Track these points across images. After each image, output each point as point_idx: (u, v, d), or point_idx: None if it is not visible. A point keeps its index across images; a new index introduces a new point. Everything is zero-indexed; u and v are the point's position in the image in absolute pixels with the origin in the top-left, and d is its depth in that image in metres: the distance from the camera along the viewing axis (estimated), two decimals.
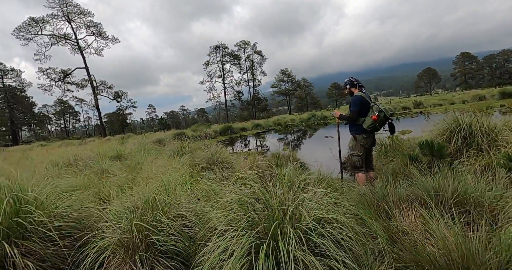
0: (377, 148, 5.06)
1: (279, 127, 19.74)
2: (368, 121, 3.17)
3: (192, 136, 17.04)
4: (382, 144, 5.32)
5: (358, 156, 3.37)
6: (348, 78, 3.53)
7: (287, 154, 6.26)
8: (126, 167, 5.38)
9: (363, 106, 3.25)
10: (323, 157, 6.92)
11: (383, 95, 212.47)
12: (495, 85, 56.56)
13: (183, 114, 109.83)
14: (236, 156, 7.11)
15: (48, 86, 35.86)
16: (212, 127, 22.04)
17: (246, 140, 15.01)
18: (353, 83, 3.46)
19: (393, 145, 4.98)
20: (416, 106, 19.18)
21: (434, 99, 22.42)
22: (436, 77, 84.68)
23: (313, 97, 79.10)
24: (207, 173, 4.52)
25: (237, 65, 58.09)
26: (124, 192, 2.97)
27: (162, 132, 20.04)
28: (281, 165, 5.41)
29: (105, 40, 36.79)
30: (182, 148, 7.51)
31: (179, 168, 4.15)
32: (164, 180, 2.66)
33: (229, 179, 3.31)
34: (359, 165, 3.41)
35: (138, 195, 2.28)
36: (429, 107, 18.68)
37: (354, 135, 3.44)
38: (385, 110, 3.11)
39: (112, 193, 2.95)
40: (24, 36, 31.77)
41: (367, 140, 3.34)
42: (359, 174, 3.44)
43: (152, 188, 2.47)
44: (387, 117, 3.15)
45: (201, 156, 5.58)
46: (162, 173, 3.36)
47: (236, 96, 60.05)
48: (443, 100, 20.67)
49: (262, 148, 10.68)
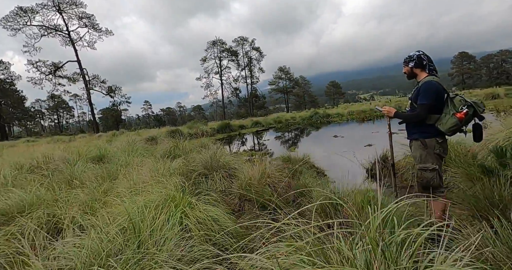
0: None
1: (279, 126, 18.80)
2: (450, 121, 2.09)
3: (188, 134, 16.02)
4: None
5: (434, 170, 2.22)
6: (417, 51, 2.35)
7: (298, 157, 5.32)
8: (105, 172, 4.39)
9: (438, 99, 2.19)
10: (340, 161, 5.99)
11: (380, 94, 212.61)
12: (493, 85, 56.26)
13: (180, 111, 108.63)
14: (238, 157, 6.12)
15: (38, 80, 34.41)
16: (209, 124, 21.01)
17: (246, 138, 14.04)
18: (422, 62, 2.30)
19: None
20: None
21: None
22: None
23: (311, 96, 78.51)
24: (205, 183, 3.57)
25: (235, 61, 56.96)
26: (84, 218, 2.01)
27: (156, 129, 18.99)
28: (297, 173, 4.48)
29: (98, 32, 35.38)
30: (176, 148, 6.52)
31: (169, 177, 3.18)
32: (138, 208, 1.69)
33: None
34: (436, 183, 2.24)
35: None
36: None
37: (422, 140, 2.28)
38: (475, 104, 2.10)
39: (67, 221, 1.98)
40: (11, 26, 30.26)
41: (443, 145, 2.28)
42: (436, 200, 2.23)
43: (118, 223, 1.49)
44: (478, 114, 2.14)
45: (197, 159, 4.61)
46: (142, 188, 2.38)
47: (234, 93, 59.00)
48: None
49: (265, 148, 9.72)
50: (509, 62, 72.48)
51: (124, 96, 42.86)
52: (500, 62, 73.09)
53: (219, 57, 55.29)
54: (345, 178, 4.59)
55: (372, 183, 4.25)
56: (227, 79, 56.98)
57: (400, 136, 8.51)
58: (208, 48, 54.50)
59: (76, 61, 34.47)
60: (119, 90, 41.98)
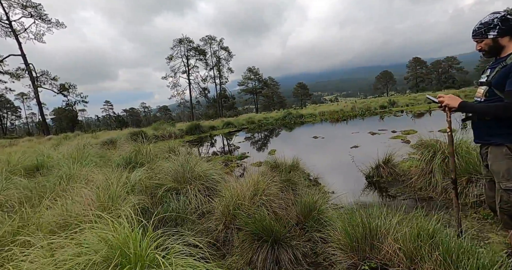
0: (423, 159, 3.41)
1: (252, 126, 18.08)
2: None
3: (153, 136, 14.56)
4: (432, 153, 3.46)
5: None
6: (496, 13, 1.65)
7: (287, 162, 4.60)
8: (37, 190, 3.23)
9: None
10: (330, 165, 5.49)
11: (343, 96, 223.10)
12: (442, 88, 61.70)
13: (144, 112, 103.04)
14: (215, 163, 5.24)
15: None
16: (177, 125, 19.56)
17: (218, 140, 13.07)
18: (510, 27, 1.61)
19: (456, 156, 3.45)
20: (391, 105, 19.04)
21: (405, 99, 22.79)
22: (392, 80, 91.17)
23: (279, 97, 79.43)
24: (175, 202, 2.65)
25: (203, 60, 55.25)
26: None
27: (117, 131, 17.13)
28: (295, 184, 3.72)
29: (47, 24, 31.53)
30: (138, 153, 5.42)
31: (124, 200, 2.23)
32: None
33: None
34: None
35: None
36: (405, 106, 18.61)
37: (509, 146, 1.60)
38: None
39: None
40: None
41: None
42: None
43: None
44: None
45: (165, 169, 3.65)
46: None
47: (202, 93, 57.19)
48: (414, 100, 20.98)
49: (242, 151, 8.90)
50: (454, 68, 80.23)
51: (80, 95, 38.90)
52: (447, 68, 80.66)
53: (186, 56, 53.16)
54: (343, 185, 3.95)
55: (373, 192, 3.67)
56: (195, 79, 55.09)
57: (382, 136, 8.29)
58: (174, 46, 52.14)
59: (20, 55, 30.32)
60: (74, 88, 37.99)
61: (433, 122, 10.11)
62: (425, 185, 3.24)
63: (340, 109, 20.39)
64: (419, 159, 3.52)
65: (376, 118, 13.77)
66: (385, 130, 8.81)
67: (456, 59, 79.65)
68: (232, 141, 12.19)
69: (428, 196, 3.06)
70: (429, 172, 3.29)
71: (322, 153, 6.99)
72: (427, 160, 3.25)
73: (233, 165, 6.29)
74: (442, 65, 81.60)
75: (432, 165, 3.16)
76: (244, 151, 8.89)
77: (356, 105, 21.78)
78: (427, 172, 3.31)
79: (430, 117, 11.73)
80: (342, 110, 20.08)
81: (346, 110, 20.04)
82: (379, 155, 4.12)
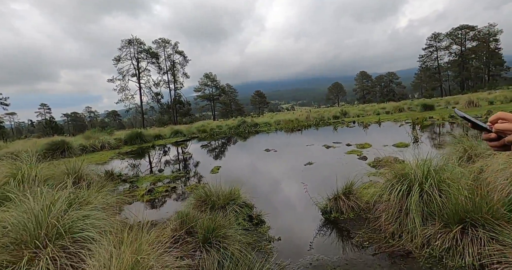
0: (393, 192, 2.61)
1: (204, 135, 16.65)
2: None
3: (81, 147, 12.23)
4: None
5: None
6: None
7: (223, 191, 3.47)
8: None
9: None
10: (280, 192, 4.32)
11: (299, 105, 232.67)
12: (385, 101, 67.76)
13: (90, 116, 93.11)
14: (112, 198, 3.92)
15: None
16: (116, 133, 17.15)
17: (159, 152, 11.40)
18: None
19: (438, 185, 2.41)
20: (343, 116, 19.39)
21: (355, 109, 23.65)
22: (342, 91, 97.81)
23: (237, 104, 78.94)
24: None
25: (156, 64, 51.96)
26: None
27: (33, 140, 14.20)
28: (220, 226, 2.44)
29: None
30: (14, 179, 3.76)
31: None
32: None
33: None
34: None
35: None
36: (355, 117, 19.06)
37: None
38: None
39: None
40: None
41: None
42: None
43: None
44: None
45: (8, 221, 2.21)
46: None
47: (155, 99, 53.57)
48: (363, 111, 21.82)
49: (180, 167, 7.51)
50: (394, 83, 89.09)
51: None
52: (388, 82, 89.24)
53: (136, 58, 49.41)
54: (294, 224, 2.98)
55: (332, 237, 2.73)
56: (146, 83, 51.43)
57: (338, 149, 7.68)
58: (123, 47, 48.18)
59: None
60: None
61: (384, 134, 10.03)
62: (398, 230, 2.39)
63: (295, 118, 20.16)
64: (384, 187, 2.72)
65: (330, 129, 13.55)
66: (339, 143, 8.30)
67: (396, 75, 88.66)
68: (175, 153, 10.68)
69: (405, 250, 2.19)
70: (400, 209, 2.46)
71: (272, 171, 6.03)
72: (399, 195, 2.42)
73: (156, 194, 4.93)
74: (384, 79, 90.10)
75: (407, 203, 2.33)
76: (185, 166, 7.53)
77: (311, 114, 21.86)
78: (397, 209, 2.48)
79: (380, 129, 11.79)
80: (297, 119, 19.86)
81: (301, 119, 19.87)
82: (337, 180, 3.24)
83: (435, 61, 66.70)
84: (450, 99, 24.82)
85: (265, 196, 4.22)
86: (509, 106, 13.54)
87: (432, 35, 65.41)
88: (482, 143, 3.81)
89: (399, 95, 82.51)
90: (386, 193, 2.56)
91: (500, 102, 16.37)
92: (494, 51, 59.12)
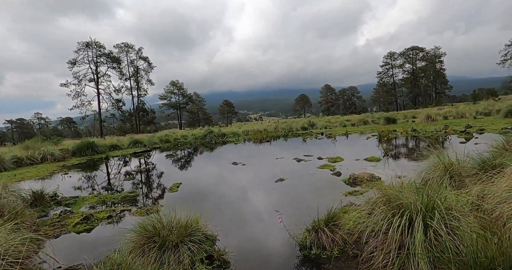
0: (390, 225, 2.15)
1: (167, 146, 15.43)
2: None
3: (16, 160, 10.42)
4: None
5: None
6: None
7: (181, 220, 2.76)
8: None
9: None
10: (248, 219, 3.53)
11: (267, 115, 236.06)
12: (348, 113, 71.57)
13: (40, 123, 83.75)
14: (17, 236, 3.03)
15: None
16: (63, 143, 15.17)
17: (113, 164, 10.11)
18: None
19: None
20: (311, 127, 19.54)
21: (322, 121, 24.13)
22: (308, 103, 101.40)
23: (205, 113, 77.47)
24: None
25: (117, 69, 48.82)
26: None
27: None
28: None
29: None
30: None
31: None
32: None
33: None
34: None
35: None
36: (323, 128, 19.28)
37: None
38: None
39: None
40: None
41: None
42: None
43: None
44: None
45: None
46: None
47: (115, 106, 49.94)
48: (329, 122, 22.30)
49: (131, 185, 6.51)
50: (355, 97, 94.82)
51: None
52: (350, 96, 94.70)
53: (95, 62, 45.96)
54: (266, 266, 2.36)
55: None
56: (106, 89, 47.89)
57: (309, 163, 7.28)
58: (79, 49, 44.59)
59: None
60: None
61: (354, 147, 10.02)
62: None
63: (264, 129, 19.85)
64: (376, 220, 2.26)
65: (299, 140, 13.35)
66: (310, 156, 7.96)
67: (357, 89, 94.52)
68: (131, 166, 9.51)
69: None
70: (399, 247, 1.98)
71: (239, 191, 5.39)
72: (399, 230, 1.95)
73: (94, 222, 3.99)
74: (346, 93, 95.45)
75: (408, 242, 1.87)
76: (139, 182, 6.54)
77: (279, 125, 21.76)
78: (396, 245, 2.01)
79: (348, 141, 11.85)
80: (265, 130, 19.55)
81: (270, 130, 19.61)
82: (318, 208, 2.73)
83: (391, 77, 72.46)
84: (407, 113, 26.62)
85: (231, 224, 3.55)
86: (462, 121, 14.65)
87: (388, 53, 71.29)
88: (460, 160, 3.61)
89: (360, 108, 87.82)
90: (383, 229, 2.08)
91: (453, 117, 17.75)
92: (439, 71, 66.31)
